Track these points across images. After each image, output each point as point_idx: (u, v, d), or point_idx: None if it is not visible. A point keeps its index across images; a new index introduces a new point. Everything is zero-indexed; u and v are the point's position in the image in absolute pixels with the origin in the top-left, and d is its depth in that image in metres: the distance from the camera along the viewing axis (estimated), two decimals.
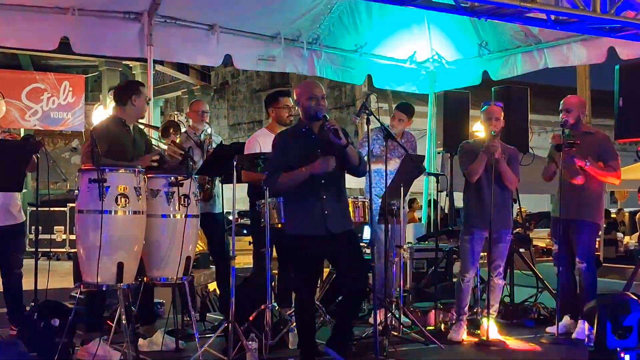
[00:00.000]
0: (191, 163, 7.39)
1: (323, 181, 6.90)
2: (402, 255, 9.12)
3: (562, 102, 8.74)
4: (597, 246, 9.43)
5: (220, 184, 8.95)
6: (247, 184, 8.51)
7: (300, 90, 7.10)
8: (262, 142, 8.47)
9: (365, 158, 7.40)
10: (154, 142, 8.31)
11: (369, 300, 9.26)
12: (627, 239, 21.14)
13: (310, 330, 7.03)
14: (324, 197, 6.92)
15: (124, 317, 6.73)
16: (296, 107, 8.17)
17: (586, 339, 7.67)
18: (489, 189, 8.30)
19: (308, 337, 7.01)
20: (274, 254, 8.29)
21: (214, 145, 9.03)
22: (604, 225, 14.67)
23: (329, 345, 7.00)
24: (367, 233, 10.49)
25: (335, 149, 6.82)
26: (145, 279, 7.24)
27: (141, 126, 8.06)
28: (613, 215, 24.22)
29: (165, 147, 8.09)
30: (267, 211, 7.48)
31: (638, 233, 20.22)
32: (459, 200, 9.18)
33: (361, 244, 10.00)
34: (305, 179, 6.80)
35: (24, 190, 9.55)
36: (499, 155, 8.25)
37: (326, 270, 9.19)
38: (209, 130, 9.24)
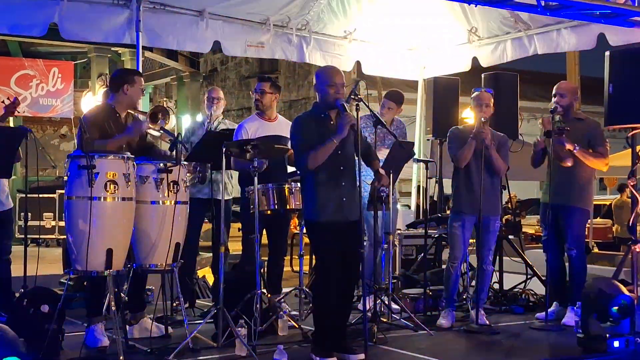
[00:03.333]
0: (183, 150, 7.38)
1: (342, 168, 7.02)
2: (392, 242, 9.11)
3: (555, 86, 8.75)
4: (586, 233, 9.43)
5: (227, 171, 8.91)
6: (238, 172, 8.52)
7: (320, 76, 7.14)
8: (249, 128, 8.51)
9: None
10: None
11: (358, 287, 9.27)
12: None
13: (329, 320, 7.00)
14: (343, 183, 7.02)
15: (113, 303, 6.73)
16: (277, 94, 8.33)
17: (575, 326, 7.69)
18: (478, 176, 8.31)
19: (326, 326, 7.00)
20: (264, 240, 8.30)
21: None
22: None
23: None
24: None
25: (350, 137, 6.99)
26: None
27: (132, 111, 8.00)
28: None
29: (156, 133, 8.06)
30: (256, 197, 7.47)
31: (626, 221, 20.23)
32: (448, 187, 9.18)
33: None
34: (328, 162, 6.91)
35: (12, 177, 9.53)
36: (488, 141, 8.26)
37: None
38: (224, 119, 9.30)
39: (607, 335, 7.15)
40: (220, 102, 9.36)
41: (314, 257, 8.49)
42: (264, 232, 8.45)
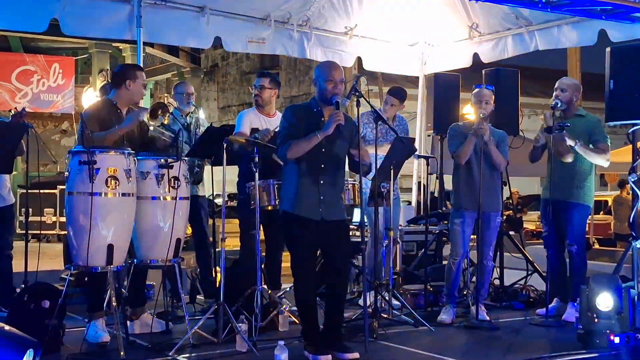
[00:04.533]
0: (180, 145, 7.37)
1: (322, 166, 6.89)
2: (392, 237, 9.11)
3: (558, 81, 8.75)
4: (587, 229, 9.43)
5: (209, 167, 8.92)
6: (237, 167, 8.51)
7: (319, 71, 7.07)
8: (252, 118, 8.53)
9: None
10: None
11: (358, 283, 9.27)
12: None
13: (312, 315, 6.94)
14: (321, 181, 6.90)
15: (113, 299, 6.74)
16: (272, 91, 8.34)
17: (576, 321, 7.69)
18: (479, 171, 8.31)
19: (311, 323, 6.94)
20: (262, 236, 8.30)
21: (202, 129, 9.04)
22: None
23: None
24: (357, 215, 10.49)
25: (339, 137, 6.91)
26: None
27: (133, 107, 7.99)
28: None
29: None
30: (257, 193, 7.46)
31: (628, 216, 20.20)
32: (448, 182, 9.18)
33: (350, 226, 10.05)
34: (308, 158, 6.82)
35: (13, 172, 9.53)
36: (487, 137, 8.26)
37: None
38: (199, 114, 9.25)
39: (608, 331, 7.16)
40: (195, 96, 9.42)
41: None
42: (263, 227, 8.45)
